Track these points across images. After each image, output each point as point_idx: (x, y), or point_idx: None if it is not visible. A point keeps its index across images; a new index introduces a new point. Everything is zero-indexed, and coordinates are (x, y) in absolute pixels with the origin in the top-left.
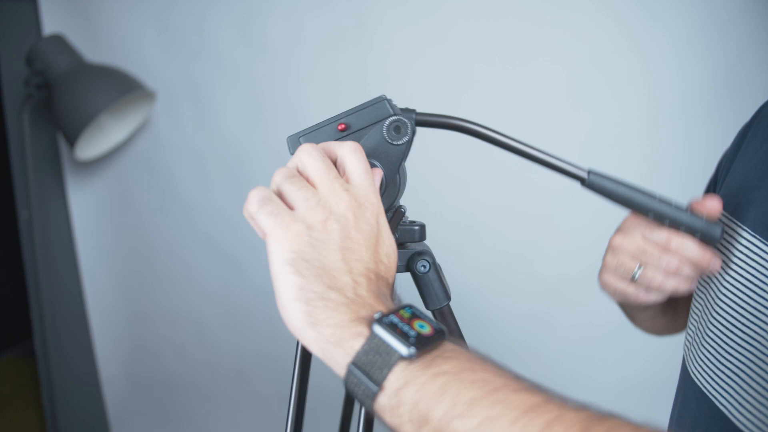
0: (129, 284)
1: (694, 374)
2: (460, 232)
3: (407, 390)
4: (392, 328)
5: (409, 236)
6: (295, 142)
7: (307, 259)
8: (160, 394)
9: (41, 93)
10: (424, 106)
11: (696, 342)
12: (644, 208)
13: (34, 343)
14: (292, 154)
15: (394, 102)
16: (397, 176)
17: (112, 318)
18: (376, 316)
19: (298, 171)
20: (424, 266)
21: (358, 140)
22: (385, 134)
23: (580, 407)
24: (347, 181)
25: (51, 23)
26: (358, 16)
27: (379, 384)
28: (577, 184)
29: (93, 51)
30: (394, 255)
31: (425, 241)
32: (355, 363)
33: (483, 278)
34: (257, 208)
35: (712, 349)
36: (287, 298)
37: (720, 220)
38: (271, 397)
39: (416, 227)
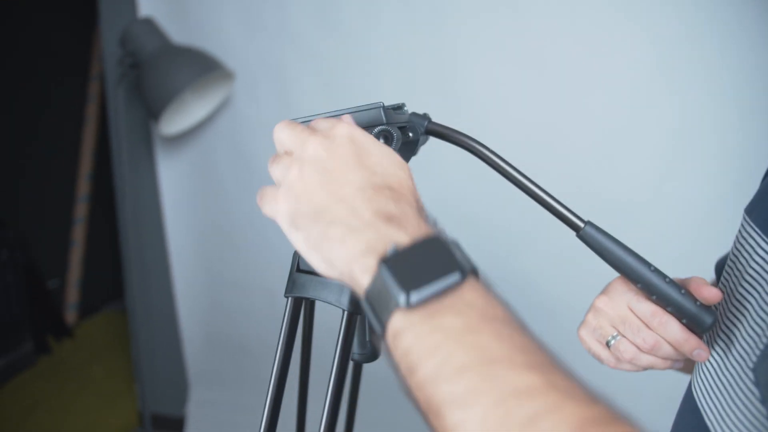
0: (209, 252)
1: (694, 387)
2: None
3: (404, 336)
4: (398, 266)
5: None
6: None
7: (300, 213)
8: (234, 355)
9: (133, 72)
10: (496, 95)
11: None
12: (635, 275)
13: (125, 301)
14: None
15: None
16: None
17: (193, 282)
18: (389, 252)
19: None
20: None
21: None
22: None
23: (589, 400)
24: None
25: (146, 6)
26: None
27: (383, 324)
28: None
29: (182, 33)
30: (389, 159)
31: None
32: (366, 300)
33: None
34: (262, 207)
35: (714, 362)
36: (304, 253)
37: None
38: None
39: None
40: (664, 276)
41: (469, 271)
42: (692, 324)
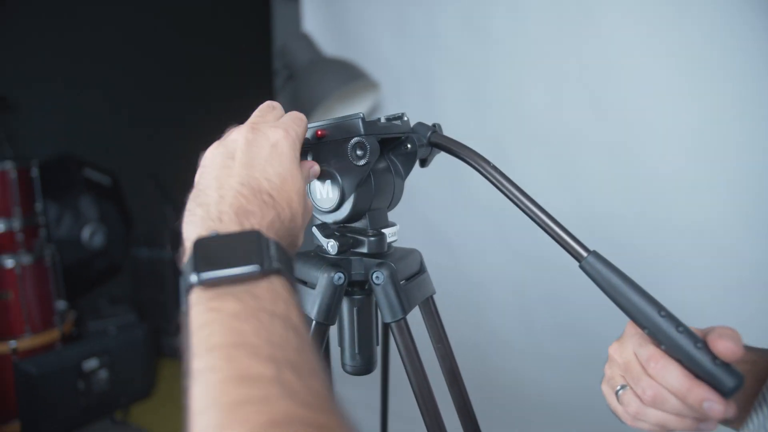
0: None
1: None
2: None
3: (193, 310)
4: (205, 249)
5: (363, 246)
6: None
7: (196, 182)
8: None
9: (290, 84)
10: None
11: None
12: (642, 319)
13: None
14: None
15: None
16: (353, 194)
17: None
18: (206, 235)
19: None
20: (378, 278)
21: (333, 148)
22: (348, 152)
23: (311, 405)
24: None
25: (310, 21)
26: (582, 4)
27: (184, 299)
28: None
29: (339, 45)
30: (293, 178)
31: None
32: (182, 275)
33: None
34: None
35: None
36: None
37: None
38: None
39: (370, 237)
40: (677, 322)
41: (273, 269)
42: (710, 382)
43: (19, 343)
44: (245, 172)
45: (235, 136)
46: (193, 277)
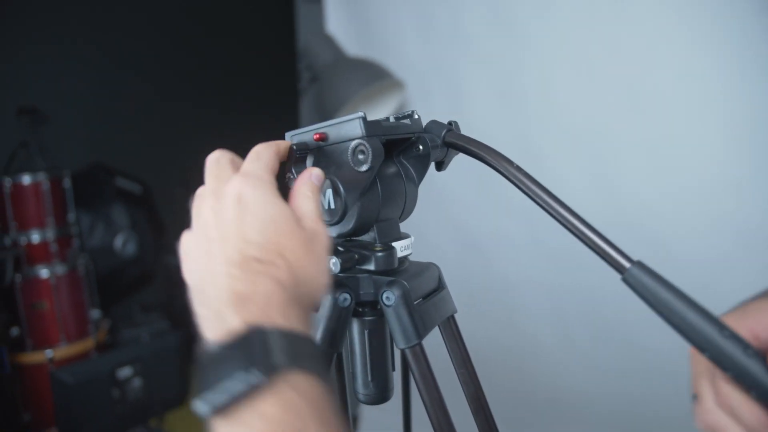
0: None
1: None
2: None
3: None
4: (204, 370)
5: (370, 262)
6: (289, 138)
7: (190, 284)
8: None
9: (313, 85)
10: (664, 99)
11: None
12: (697, 338)
13: None
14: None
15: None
16: (357, 204)
17: None
18: (208, 349)
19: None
20: (388, 298)
21: (333, 153)
22: (349, 156)
23: None
24: None
25: (333, 21)
26: None
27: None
28: None
29: (363, 44)
30: (275, 222)
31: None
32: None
33: None
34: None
35: None
36: None
37: None
38: (501, 390)
39: (377, 253)
40: (743, 344)
41: (278, 370)
42: None
43: (55, 353)
44: (227, 248)
45: (202, 213)
46: (200, 407)
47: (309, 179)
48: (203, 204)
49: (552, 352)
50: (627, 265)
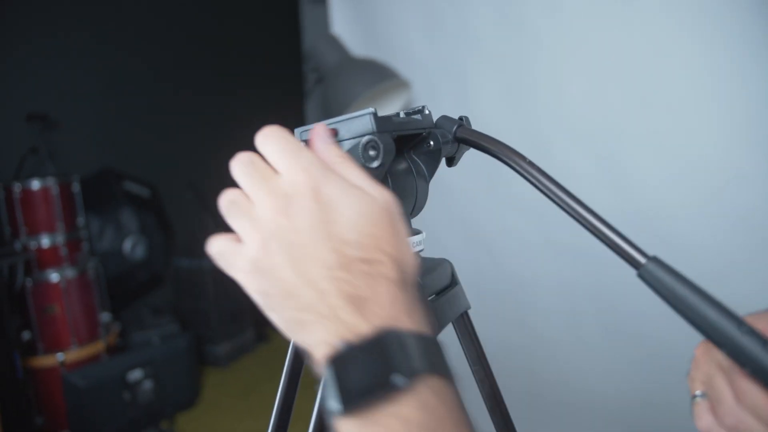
0: None
1: None
2: None
3: None
4: (340, 369)
5: None
6: (298, 136)
7: (270, 295)
8: None
9: (319, 86)
10: (673, 95)
11: None
12: (715, 334)
13: None
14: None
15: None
16: None
17: None
18: (339, 349)
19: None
20: None
21: (343, 149)
22: (360, 153)
23: None
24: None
25: (339, 21)
26: None
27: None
28: None
29: (369, 44)
30: (362, 213)
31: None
32: (321, 389)
33: None
34: (219, 261)
35: None
36: (284, 331)
37: None
38: (512, 389)
39: None
40: (763, 340)
41: (415, 374)
42: None
43: (66, 356)
44: (321, 251)
45: (271, 220)
46: (334, 407)
47: (325, 145)
48: (264, 205)
49: (564, 351)
50: (642, 260)
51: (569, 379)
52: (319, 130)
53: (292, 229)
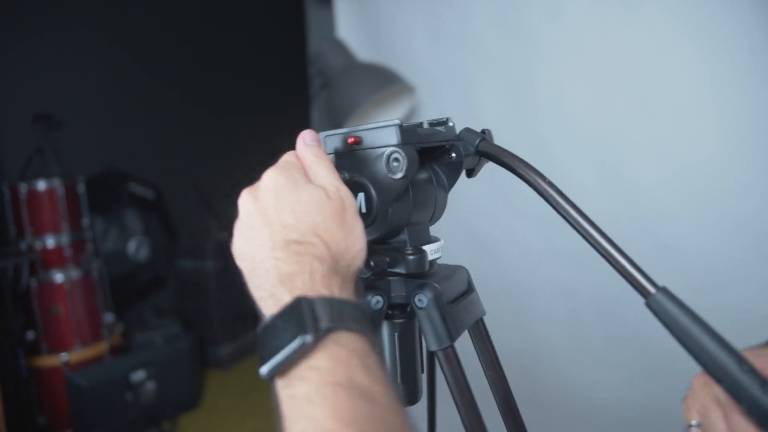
0: None
1: None
2: None
3: (279, 401)
4: (262, 340)
5: (402, 265)
6: (323, 139)
7: (244, 271)
8: None
9: (324, 90)
10: (674, 102)
11: None
12: (715, 369)
13: None
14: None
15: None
16: (390, 210)
17: None
18: (265, 321)
19: None
20: (421, 300)
21: (367, 157)
22: (383, 163)
23: None
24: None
25: (344, 26)
26: None
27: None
28: None
29: (373, 49)
30: (306, 203)
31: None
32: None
33: None
34: None
35: None
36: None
37: None
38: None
39: (409, 256)
40: (762, 380)
41: (323, 331)
42: None
43: (70, 356)
44: (269, 234)
45: (245, 207)
46: (263, 370)
47: (306, 146)
48: (245, 197)
49: (566, 357)
50: (652, 290)
51: (570, 386)
52: (304, 134)
53: (255, 214)
